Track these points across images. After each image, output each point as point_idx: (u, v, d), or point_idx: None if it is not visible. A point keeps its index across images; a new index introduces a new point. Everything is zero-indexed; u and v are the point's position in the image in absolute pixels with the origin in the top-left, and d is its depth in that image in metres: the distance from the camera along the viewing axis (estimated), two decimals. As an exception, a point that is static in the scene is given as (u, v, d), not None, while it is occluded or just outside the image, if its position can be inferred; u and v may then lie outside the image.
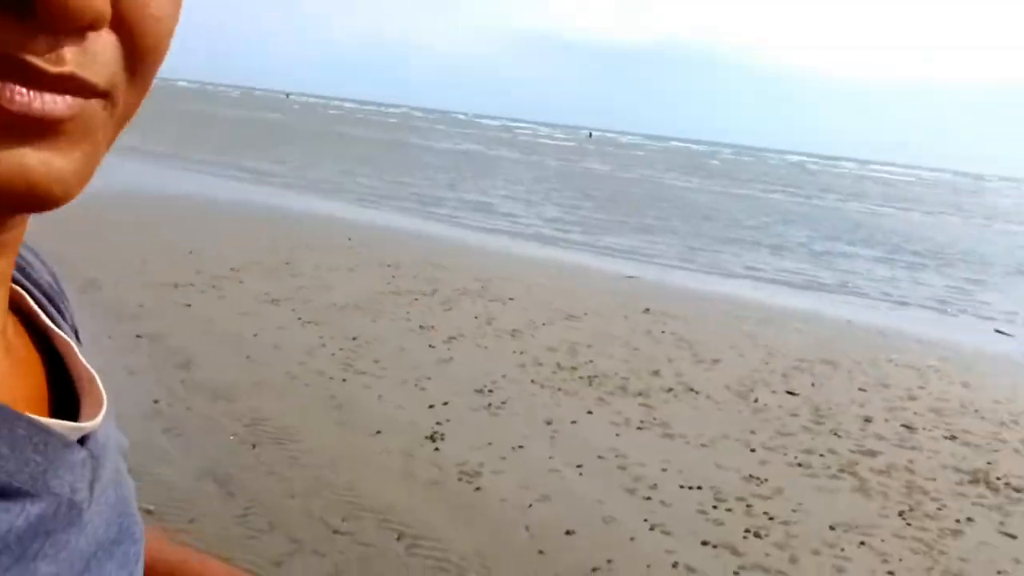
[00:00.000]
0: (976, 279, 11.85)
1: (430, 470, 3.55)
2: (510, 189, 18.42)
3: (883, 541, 3.37)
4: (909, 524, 3.56)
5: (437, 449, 3.75)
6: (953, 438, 4.71)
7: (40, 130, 0.33)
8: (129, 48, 0.35)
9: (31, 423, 0.41)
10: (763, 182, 31.56)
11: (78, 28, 0.33)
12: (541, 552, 2.95)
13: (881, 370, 6.01)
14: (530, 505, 3.28)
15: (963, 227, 21.40)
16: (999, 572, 3.24)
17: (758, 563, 3.09)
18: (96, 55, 0.34)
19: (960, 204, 32.15)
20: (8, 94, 0.31)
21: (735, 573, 3.00)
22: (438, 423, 4.02)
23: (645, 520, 3.29)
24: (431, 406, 4.24)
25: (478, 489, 3.39)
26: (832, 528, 3.43)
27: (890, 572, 3.13)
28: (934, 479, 4.09)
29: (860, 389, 5.48)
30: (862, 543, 3.33)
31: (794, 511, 3.56)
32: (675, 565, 3.00)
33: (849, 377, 5.72)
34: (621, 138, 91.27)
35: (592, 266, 9.51)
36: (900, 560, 3.22)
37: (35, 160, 0.33)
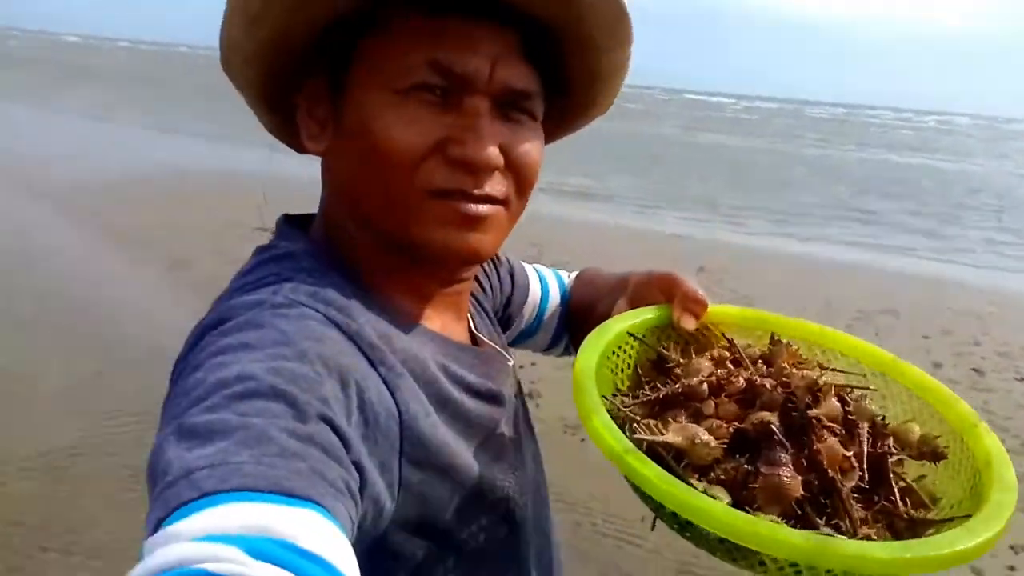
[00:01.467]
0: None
1: None
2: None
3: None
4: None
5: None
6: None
7: (477, 223, 0.67)
8: (515, 178, 0.70)
9: (503, 357, 0.82)
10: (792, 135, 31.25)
11: (488, 171, 0.66)
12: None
13: (942, 317, 6.12)
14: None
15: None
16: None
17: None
18: (497, 183, 0.68)
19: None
20: (465, 206, 0.66)
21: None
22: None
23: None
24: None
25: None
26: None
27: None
28: (1010, 418, 4.24)
29: (924, 336, 5.62)
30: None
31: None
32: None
33: (911, 326, 5.85)
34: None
35: (631, 225, 9.62)
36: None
37: (475, 239, 0.68)
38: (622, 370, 0.81)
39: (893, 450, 0.68)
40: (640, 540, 2.87)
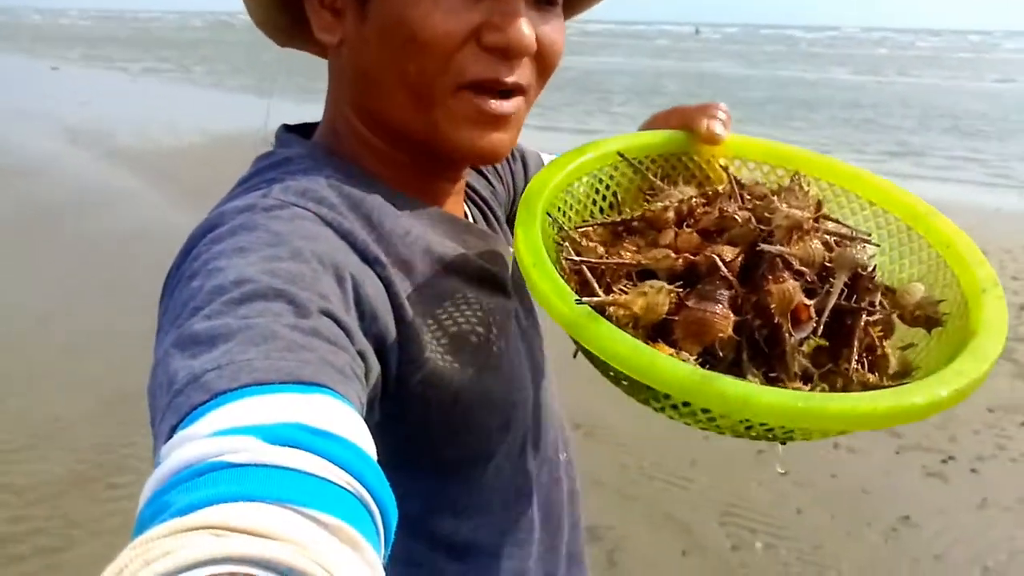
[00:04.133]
0: None
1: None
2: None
3: (1046, 421, 3.42)
4: (1073, 405, 3.57)
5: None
6: (1118, 322, 4.57)
7: (502, 122, 0.68)
8: (540, 64, 0.70)
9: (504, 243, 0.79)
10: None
11: (523, 57, 0.66)
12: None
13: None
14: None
15: None
16: None
17: (917, 443, 3.23)
18: (526, 70, 0.67)
19: None
20: (491, 104, 0.65)
21: (896, 452, 3.16)
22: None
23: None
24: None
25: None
26: (991, 411, 3.51)
27: (1054, 449, 3.20)
28: (1098, 362, 4.03)
29: (1012, 278, 5.34)
30: (1023, 423, 3.40)
31: (950, 396, 3.63)
32: (835, 446, 3.18)
33: (1000, 266, 5.56)
34: (734, 30, 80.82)
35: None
36: (1064, 438, 3.28)
37: (498, 139, 0.68)
38: (604, 198, 0.75)
39: (872, 308, 0.59)
40: (686, 483, 2.92)
